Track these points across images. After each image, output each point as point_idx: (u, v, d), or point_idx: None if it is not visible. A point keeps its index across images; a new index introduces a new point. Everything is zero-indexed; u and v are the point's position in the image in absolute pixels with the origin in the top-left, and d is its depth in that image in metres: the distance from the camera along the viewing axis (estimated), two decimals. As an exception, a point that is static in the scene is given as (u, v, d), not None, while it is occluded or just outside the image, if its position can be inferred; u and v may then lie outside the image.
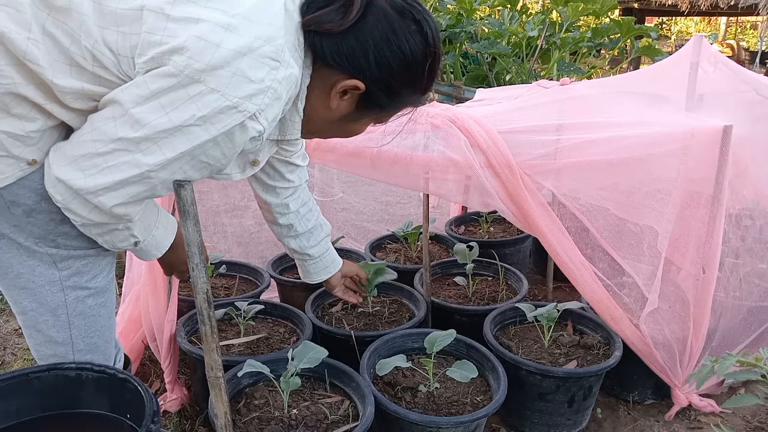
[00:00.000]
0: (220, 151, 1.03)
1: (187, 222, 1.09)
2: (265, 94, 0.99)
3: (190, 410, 1.95)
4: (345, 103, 1.15)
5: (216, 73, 0.94)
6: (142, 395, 1.13)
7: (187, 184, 1.07)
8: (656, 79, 2.26)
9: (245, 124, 0.99)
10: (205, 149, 1.01)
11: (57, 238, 1.13)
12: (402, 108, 1.21)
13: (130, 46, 0.97)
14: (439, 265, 2.51)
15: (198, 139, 0.98)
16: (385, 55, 1.07)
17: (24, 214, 1.08)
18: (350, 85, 1.10)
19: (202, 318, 1.16)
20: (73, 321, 1.20)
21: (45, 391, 1.20)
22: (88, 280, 1.20)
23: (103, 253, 1.21)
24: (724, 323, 1.97)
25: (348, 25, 1.05)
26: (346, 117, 1.18)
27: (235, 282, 2.42)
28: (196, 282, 1.13)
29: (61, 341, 1.22)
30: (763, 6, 7.95)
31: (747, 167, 1.95)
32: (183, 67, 0.93)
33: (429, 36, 1.10)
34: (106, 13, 0.97)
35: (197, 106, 0.95)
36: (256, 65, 0.97)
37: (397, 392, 1.71)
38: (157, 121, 0.96)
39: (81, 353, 1.24)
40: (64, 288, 1.17)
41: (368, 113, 1.19)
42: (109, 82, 1.01)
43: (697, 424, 1.97)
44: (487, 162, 1.76)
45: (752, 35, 16.00)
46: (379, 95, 1.13)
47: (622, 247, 1.88)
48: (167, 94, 0.95)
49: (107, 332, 1.28)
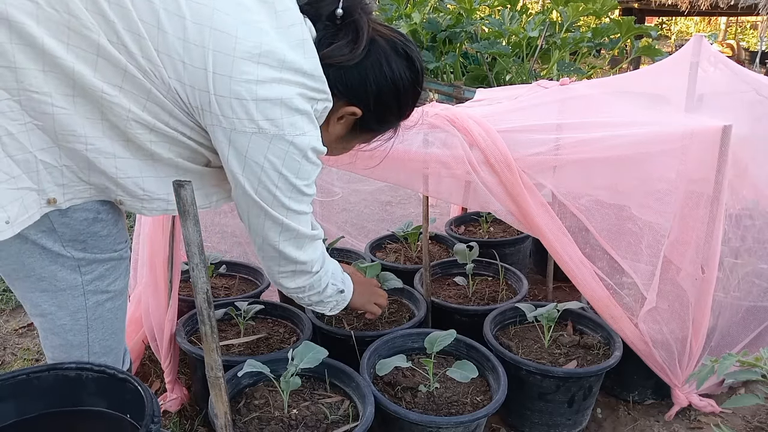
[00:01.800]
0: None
1: (187, 222, 1.09)
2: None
3: (190, 410, 1.95)
4: (340, 126, 1.28)
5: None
6: (142, 395, 1.13)
7: (187, 184, 1.07)
8: (656, 79, 2.26)
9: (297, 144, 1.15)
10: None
11: (87, 239, 1.15)
12: (386, 131, 1.38)
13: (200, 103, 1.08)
14: (439, 265, 2.51)
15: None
16: (381, 86, 1.22)
17: (60, 214, 1.10)
18: (349, 112, 1.24)
19: (202, 318, 1.16)
20: (91, 324, 1.22)
21: (45, 391, 1.20)
22: (109, 284, 1.22)
23: (125, 257, 1.25)
24: (723, 323, 1.97)
25: (357, 60, 1.17)
26: (340, 139, 1.32)
27: (235, 282, 2.42)
28: (196, 282, 1.13)
29: (77, 344, 1.23)
30: (763, 6, 7.95)
31: (747, 167, 1.95)
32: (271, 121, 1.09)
33: (418, 72, 1.27)
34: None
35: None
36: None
37: (397, 392, 1.71)
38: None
39: (96, 356, 1.25)
40: (85, 292, 1.19)
41: (359, 136, 1.35)
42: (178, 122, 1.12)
43: (697, 424, 1.97)
44: (486, 160, 1.76)
45: (752, 35, 16.00)
46: (372, 121, 1.29)
47: (621, 247, 1.88)
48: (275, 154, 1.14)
49: (121, 334, 1.31)
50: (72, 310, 1.19)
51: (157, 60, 1.02)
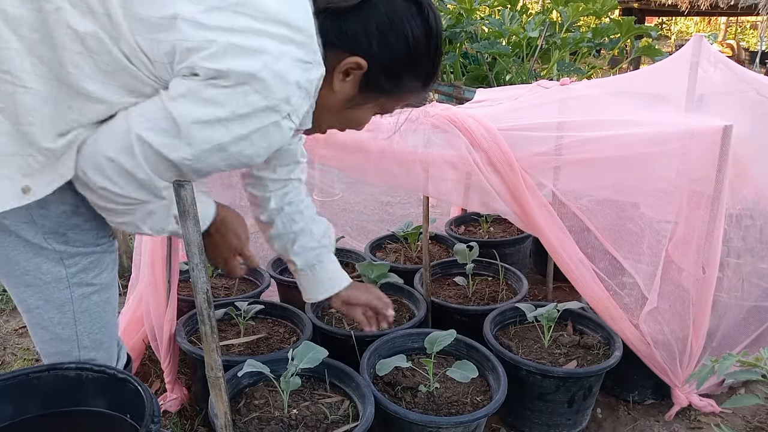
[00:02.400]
0: (255, 150, 1.06)
1: (187, 222, 1.09)
2: (299, 94, 1.03)
3: (190, 410, 1.95)
4: (348, 85, 1.16)
5: (257, 77, 0.98)
6: (142, 395, 1.13)
7: (187, 184, 1.07)
8: (656, 79, 2.26)
9: (280, 124, 1.04)
10: (240, 147, 1.04)
11: (67, 232, 1.14)
12: (404, 96, 1.23)
13: (164, 53, 0.99)
14: (439, 265, 2.51)
15: (235, 133, 1.02)
16: (386, 34, 1.10)
17: (38, 206, 1.09)
18: (352, 63, 1.12)
19: (202, 318, 1.16)
20: (78, 317, 1.21)
21: (45, 391, 1.20)
22: (94, 276, 1.21)
23: (109, 250, 1.23)
24: (726, 323, 1.97)
25: (357, 2, 1.08)
26: (350, 101, 1.19)
27: (235, 282, 2.42)
28: (196, 282, 1.13)
29: (66, 338, 1.22)
30: (763, 6, 7.95)
31: (747, 167, 1.95)
32: (227, 71, 0.97)
33: (431, 20, 1.14)
34: (137, 20, 0.99)
35: (239, 104, 0.99)
36: (290, 68, 1.00)
37: (397, 392, 1.71)
38: (197, 112, 1.00)
39: (86, 350, 1.24)
40: (70, 285, 1.18)
41: (371, 97, 1.20)
42: (142, 86, 1.03)
43: (697, 424, 1.97)
44: (488, 159, 1.76)
45: (752, 35, 16.00)
46: (381, 77, 1.14)
47: (622, 247, 1.88)
48: (212, 91, 0.99)
49: (111, 329, 1.29)
50: (58, 303, 1.19)
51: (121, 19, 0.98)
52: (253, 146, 1.05)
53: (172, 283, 1.84)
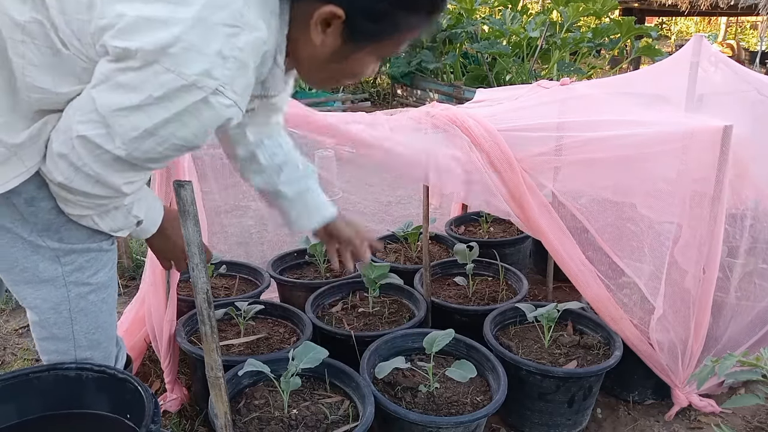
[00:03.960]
0: (189, 131, 0.98)
1: (187, 222, 1.09)
2: (226, 65, 0.93)
3: (190, 410, 1.94)
4: (330, 37, 1.03)
5: (167, 52, 0.90)
6: (142, 395, 1.13)
7: (187, 184, 1.07)
8: (656, 79, 2.26)
9: (209, 101, 0.94)
10: (170, 130, 0.97)
11: (60, 228, 1.13)
12: (405, 35, 1.07)
13: (90, 33, 0.95)
14: (439, 265, 2.51)
15: (158, 117, 0.95)
16: None
17: (26, 204, 1.09)
18: (327, 13, 1.00)
19: (202, 318, 1.16)
20: (75, 317, 1.21)
21: (45, 391, 1.20)
22: (90, 275, 1.20)
23: (105, 249, 1.22)
24: (725, 324, 1.97)
25: None
26: (339, 54, 1.07)
27: (235, 282, 2.42)
28: (196, 282, 1.13)
29: (63, 337, 1.22)
30: (763, 6, 7.95)
31: (748, 167, 1.94)
32: (135, 50, 0.90)
33: None
34: (66, 1, 0.95)
35: (153, 86, 0.92)
36: (209, 36, 0.91)
37: (397, 392, 1.71)
38: (115, 100, 0.94)
39: (82, 350, 1.24)
40: (66, 284, 1.18)
41: (361, 46, 1.06)
42: (85, 74, 0.99)
43: (697, 424, 1.96)
44: (488, 159, 1.76)
45: (752, 35, 16.00)
46: (363, 22, 1.01)
47: (622, 248, 1.88)
48: (125, 75, 0.93)
49: (109, 329, 1.29)
50: (55, 302, 1.18)
51: None
52: (185, 127, 0.97)
53: (171, 283, 1.84)
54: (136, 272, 2.83)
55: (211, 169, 2.48)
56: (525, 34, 7.05)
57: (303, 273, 2.55)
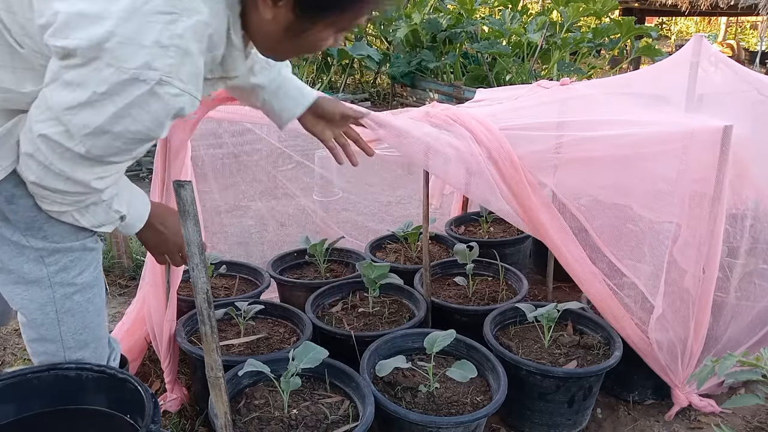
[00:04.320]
0: (141, 124, 0.97)
1: (187, 222, 1.09)
2: (167, 54, 0.91)
3: (190, 410, 1.94)
4: (282, 11, 1.02)
5: (104, 47, 0.89)
6: (142, 395, 1.13)
7: (187, 184, 1.07)
8: (656, 79, 2.26)
9: (155, 92, 0.93)
10: (122, 125, 0.96)
11: (43, 226, 1.13)
12: (359, 7, 1.06)
13: (37, 32, 0.95)
14: (439, 265, 2.51)
15: (106, 112, 0.94)
16: None
17: (6, 202, 1.09)
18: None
19: (202, 318, 1.16)
20: (61, 318, 1.21)
21: (45, 391, 1.20)
22: (75, 275, 1.20)
23: (90, 247, 1.22)
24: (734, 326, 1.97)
25: None
26: (293, 29, 1.05)
27: (235, 282, 2.42)
28: (196, 282, 1.13)
29: (51, 338, 1.22)
30: (763, 6, 7.95)
31: (748, 167, 1.94)
32: (74, 48, 0.89)
33: None
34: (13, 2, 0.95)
35: (96, 82, 0.91)
36: (145, 27, 0.89)
37: (397, 392, 1.71)
38: (65, 98, 0.94)
39: (71, 350, 1.24)
40: (52, 284, 1.18)
41: (316, 19, 1.04)
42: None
43: (697, 424, 1.96)
44: (489, 156, 1.75)
45: (752, 35, 15.99)
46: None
47: (622, 248, 1.88)
48: (70, 72, 0.92)
49: (96, 329, 1.28)
50: (41, 303, 1.18)
51: None
52: (136, 121, 0.96)
53: (172, 283, 1.84)
54: (136, 272, 2.82)
55: (211, 169, 2.49)
56: (525, 35, 7.05)
57: (303, 273, 2.55)
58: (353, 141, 1.54)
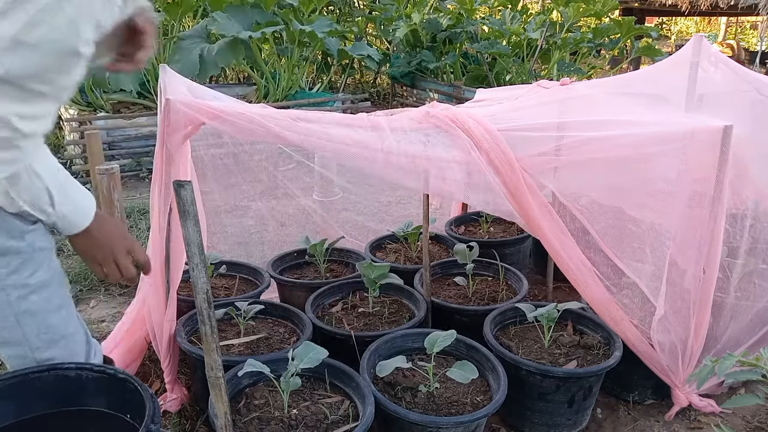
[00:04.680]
0: (58, 31, 0.95)
1: (187, 222, 1.10)
2: None
3: (190, 410, 1.94)
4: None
5: None
6: (142, 395, 1.13)
7: (187, 184, 1.07)
8: (656, 79, 2.26)
9: None
10: (37, 33, 0.94)
11: None
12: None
13: None
14: (439, 265, 2.51)
15: (19, 20, 0.92)
16: None
17: None
18: None
19: (202, 318, 1.16)
20: (20, 319, 1.19)
21: (45, 391, 1.20)
22: (27, 276, 1.18)
23: (39, 247, 1.20)
24: (726, 324, 1.97)
25: None
26: None
27: (235, 282, 2.42)
28: (196, 282, 1.13)
29: (16, 341, 1.21)
30: (763, 6, 7.95)
31: (748, 167, 1.94)
32: None
33: None
34: None
35: None
36: None
37: (397, 392, 1.71)
38: None
39: (40, 351, 1.23)
40: (5, 287, 1.16)
41: None
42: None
43: (697, 424, 1.97)
44: (488, 159, 1.76)
45: (752, 35, 16.00)
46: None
47: (623, 249, 1.87)
48: None
49: (62, 327, 1.26)
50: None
51: None
52: (53, 29, 0.94)
53: (171, 283, 1.84)
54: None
55: (211, 169, 2.49)
56: (525, 35, 7.05)
57: (303, 273, 2.55)
58: None
